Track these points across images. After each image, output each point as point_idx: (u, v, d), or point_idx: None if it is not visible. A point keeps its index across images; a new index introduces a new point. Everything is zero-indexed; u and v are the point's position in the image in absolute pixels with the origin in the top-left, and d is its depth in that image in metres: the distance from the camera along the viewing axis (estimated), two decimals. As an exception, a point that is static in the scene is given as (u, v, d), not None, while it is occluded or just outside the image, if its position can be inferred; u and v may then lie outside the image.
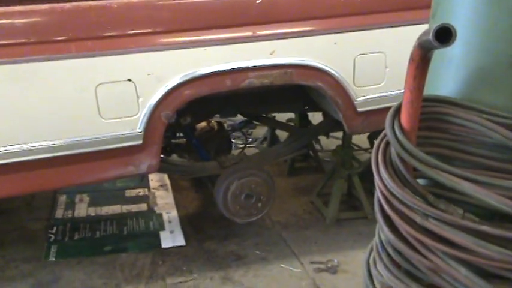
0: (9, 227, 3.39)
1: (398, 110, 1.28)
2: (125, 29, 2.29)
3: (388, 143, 1.29)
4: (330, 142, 4.08)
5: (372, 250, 1.39)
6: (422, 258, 1.21)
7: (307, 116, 3.86)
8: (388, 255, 1.30)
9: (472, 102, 1.29)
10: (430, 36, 1.03)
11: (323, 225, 3.34)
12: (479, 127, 1.25)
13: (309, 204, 3.61)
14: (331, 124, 3.22)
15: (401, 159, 1.25)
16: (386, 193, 1.26)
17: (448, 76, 1.34)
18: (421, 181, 1.31)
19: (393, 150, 1.27)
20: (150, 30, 2.34)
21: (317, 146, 4.13)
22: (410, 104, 1.23)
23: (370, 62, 2.65)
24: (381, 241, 1.31)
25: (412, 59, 1.19)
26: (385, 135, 1.31)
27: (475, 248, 1.14)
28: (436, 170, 1.21)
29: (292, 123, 3.98)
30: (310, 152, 4.08)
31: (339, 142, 3.58)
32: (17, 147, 2.26)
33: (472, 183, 1.18)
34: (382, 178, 1.26)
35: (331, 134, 3.69)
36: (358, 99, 2.69)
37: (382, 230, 1.29)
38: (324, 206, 3.45)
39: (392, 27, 2.64)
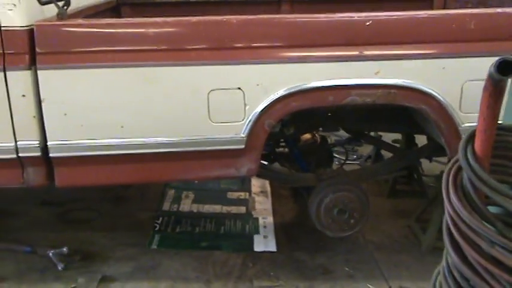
0: (121, 213, 3.73)
1: (472, 136, 1.28)
2: (240, 42, 2.47)
3: (460, 168, 1.30)
4: (433, 166, 3.97)
5: (438, 274, 1.39)
6: (487, 286, 1.20)
7: (413, 138, 3.80)
8: (455, 279, 1.30)
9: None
10: (492, 68, 1.04)
11: (418, 252, 3.24)
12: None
13: (406, 228, 3.53)
14: (434, 148, 3.16)
15: (473, 185, 1.25)
16: (454, 217, 1.26)
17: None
18: (492, 209, 1.30)
19: (465, 175, 1.27)
20: (263, 44, 2.49)
21: (418, 170, 4.03)
22: (484, 132, 1.23)
23: (479, 89, 2.58)
24: (447, 265, 1.32)
25: (485, 87, 1.20)
26: (457, 160, 1.32)
27: (543, 282, 1.12)
28: (507, 199, 1.20)
29: (397, 144, 3.93)
30: (415, 175, 4.00)
31: (443, 167, 3.47)
32: (136, 141, 2.52)
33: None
34: (451, 201, 1.27)
35: (435, 158, 3.59)
36: (463, 126, 2.63)
37: (449, 254, 1.29)
38: (421, 231, 3.36)
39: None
